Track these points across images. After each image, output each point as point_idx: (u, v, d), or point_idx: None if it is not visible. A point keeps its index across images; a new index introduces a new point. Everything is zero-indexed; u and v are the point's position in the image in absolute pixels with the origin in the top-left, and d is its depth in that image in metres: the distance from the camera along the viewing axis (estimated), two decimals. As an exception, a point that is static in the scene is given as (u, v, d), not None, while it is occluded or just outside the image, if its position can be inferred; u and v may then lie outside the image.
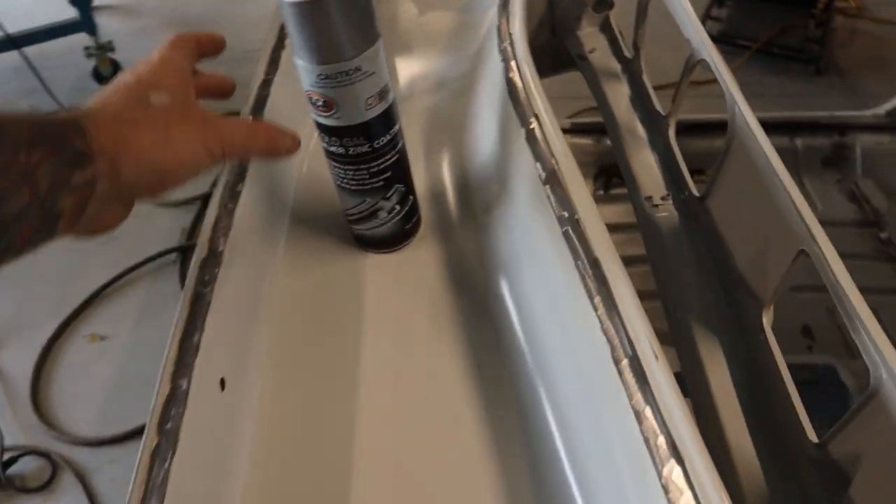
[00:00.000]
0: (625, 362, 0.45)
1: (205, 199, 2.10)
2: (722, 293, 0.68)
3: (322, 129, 0.61)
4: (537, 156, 0.59)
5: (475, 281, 0.67)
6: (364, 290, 0.68)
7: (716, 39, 0.75)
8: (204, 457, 0.51)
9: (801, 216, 0.54)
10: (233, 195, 0.68)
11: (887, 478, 0.50)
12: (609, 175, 1.59)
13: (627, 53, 0.96)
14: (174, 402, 0.50)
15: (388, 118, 0.61)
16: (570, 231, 0.52)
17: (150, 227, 2.08)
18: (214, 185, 0.72)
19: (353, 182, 0.64)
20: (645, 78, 0.90)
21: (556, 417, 0.55)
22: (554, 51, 1.09)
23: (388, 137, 0.62)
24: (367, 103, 0.58)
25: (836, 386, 1.17)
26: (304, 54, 0.55)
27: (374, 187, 0.64)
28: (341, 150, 0.61)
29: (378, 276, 0.69)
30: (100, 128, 0.40)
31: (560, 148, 0.58)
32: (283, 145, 0.55)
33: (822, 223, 0.58)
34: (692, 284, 0.69)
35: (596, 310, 0.48)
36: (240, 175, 0.70)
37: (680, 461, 0.39)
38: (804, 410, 0.55)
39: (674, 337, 0.68)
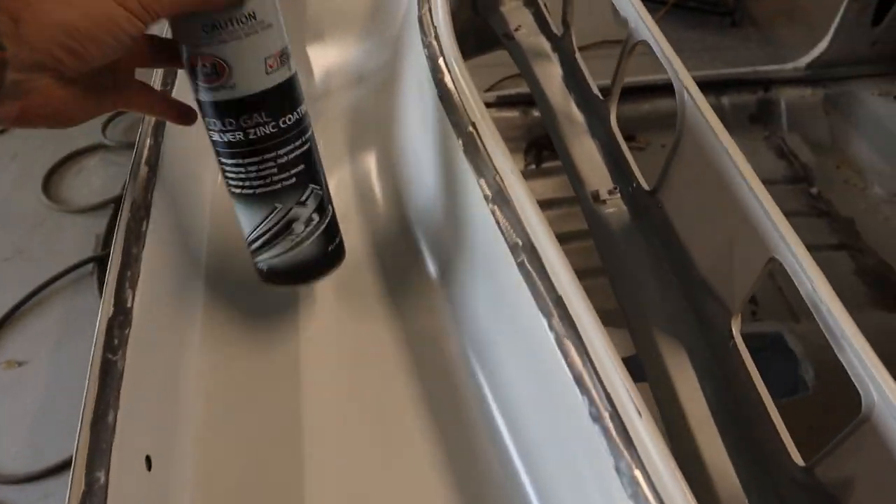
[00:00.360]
0: (606, 418, 0.40)
1: (117, 202, 1.96)
2: (683, 298, 0.63)
3: (210, 108, 0.48)
4: (479, 171, 0.52)
5: (427, 328, 0.60)
6: (298, 332, 0.61)
7: None
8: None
9: (773, 221, 0.49)
10: (137, 235, 0.59)
11: None
12: (540, 148, 1.54)
13: (556, 31, 0.90)
14: (91, 498, 0.42)
15: (293, 90, 0.50)
16: (526, 262, 0.46)
17: (60, 237, 1.93)
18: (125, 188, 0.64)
19: (258, 182, 0.51)
20: (578, 58, 0.84)
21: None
22: (477, 29, 1.02)
23: (296, 116, 0.50)
24: (268, 65, 0.47)
25: (785, 352, 1.16)
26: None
27: (285, 186, 0.51)
28: (238, 136, 0.48)
29: (312, 322, 0.61)
30: None
31: (503, 162, 0.51)
32: None
33: None
34: (651, 289, 0.64)
35: (566, 357, 0.42)
36: (144, 210, 0.61)
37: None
38: (787, 432, 0.51)
39: (637, 347, 0.64)
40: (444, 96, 0.57)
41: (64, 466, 1.43)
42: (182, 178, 0.70)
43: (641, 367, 0.63)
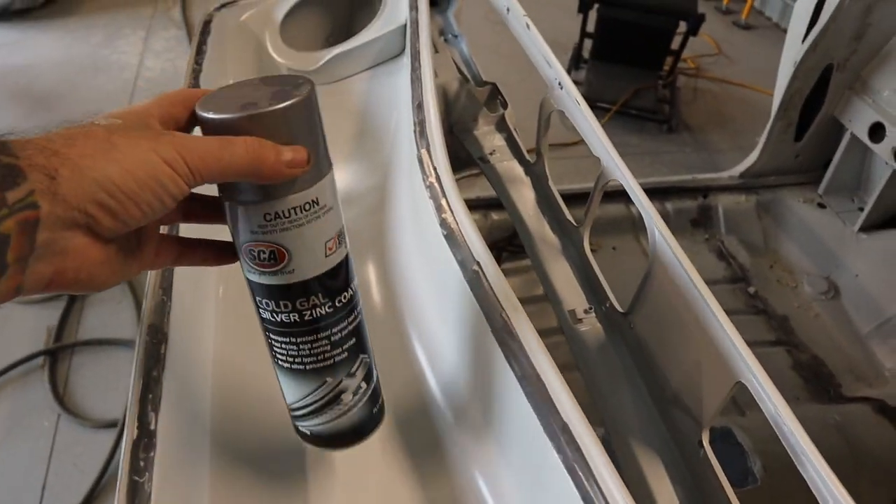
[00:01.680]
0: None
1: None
2: (656, 409, 0.71)
3: (264, 290, 0.46)
4: (484, 307, 0.59)
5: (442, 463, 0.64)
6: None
7: None
8: None
9: (739, 350, 0.57)
10: (157, 358, 0.64)
11: None
12: (500, 249, 1.63)
13: (529, 158, 1.00)
14: None
15: (348, 268, 0.49)
16: (534, 393, 0.53)
17: (10, 328, 1.90)
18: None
19: (309, 359, 0.49)
20: (551, 184, 0.93)
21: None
22: (453, 151, 1.11)
23: (350, 293, 0.49)
24: (328, 248, 0.45)
25: (735, 444, 1.25)
26: (245, 190, 0.42)
27: (338, 362, 0.50)
28: (293, 318, 0.47)
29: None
30: (27, 143, 0.36)
31: (507, 297, 0.58)
32: (270, 155, 0.41)
33: None
34: (627, 401, 0.72)
35: (574, 479, 0.48)
36: (162, 334, 0.65)
37: None
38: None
39: (616, 452, 0.70)
40: (449, 236, 0.65)
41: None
42: (190, 298, 0.74)
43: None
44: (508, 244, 1.61)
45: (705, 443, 0.64)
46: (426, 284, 0.72)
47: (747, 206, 1.74)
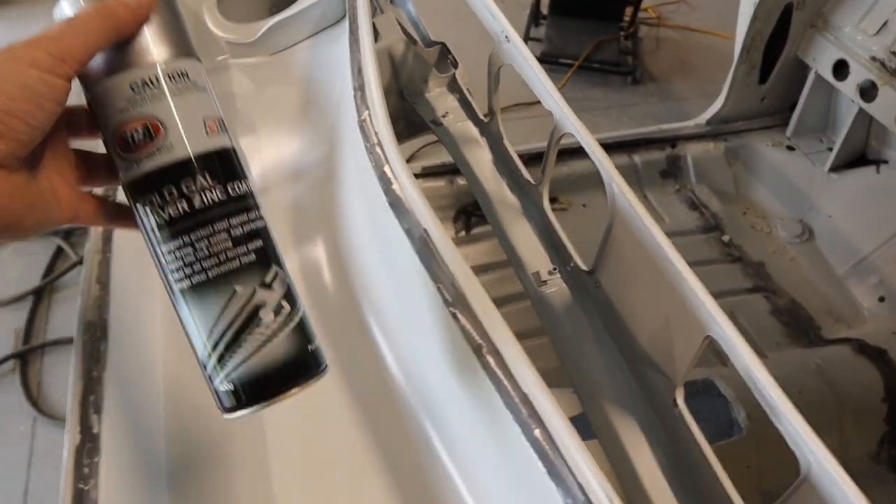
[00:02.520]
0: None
1: (37, 293, 1.90)
2: (628, 370, 0.68)
3: (146, 183, 0.42)
4: (435, 276, 0.55)
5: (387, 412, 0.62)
6: (265, 435, 0.62)
7: (539, 60, 0.76)
8: None
9: (704, 304, 0.54)
10: (97, 357, 0.60)
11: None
12: (468, 214, 1.59)
13: (483, 117, 0.95)
14: None
15: (237, 159, 0.45)
16: (492, 363, 0.49)
17: (-27, 333, 1.84)
18: (46, 276, 0.63)
19: (211, 261, 0.42)
20: (506, 143, 0.89)
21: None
22: (405, 115, 1.06)
23: (245, 187, 0.44)
24: (208, 127, 0.43)
25: (717, 396, 1.23)
26: (112, 59, 0.41)
27: (245, 263, 0.43)
28: (182, 206, 0.41)
29: (279, 425, 0.62)
30: None
31: (459, 266, 0.55)
32: (120, 7, 0.41)
33: (670, 235, 0.60)
34: (597, 363, 0.69)
35: (539, 453, 0.45)
36: (101, 330, 0.62)
37: None
38: (735, 489, 0.56)
39: (589, 416, 0.67)
40: (395, 203, 0.61)
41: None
42: (134, 293, 0.70)
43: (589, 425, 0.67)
44: (476, 209, 1.57)
45: (679, 401, 0.62)
46: (378, 258, 0.68)
47: (716, 154, 1.71)
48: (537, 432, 0.46)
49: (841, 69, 1.51)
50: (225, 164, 0.43)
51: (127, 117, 0.41)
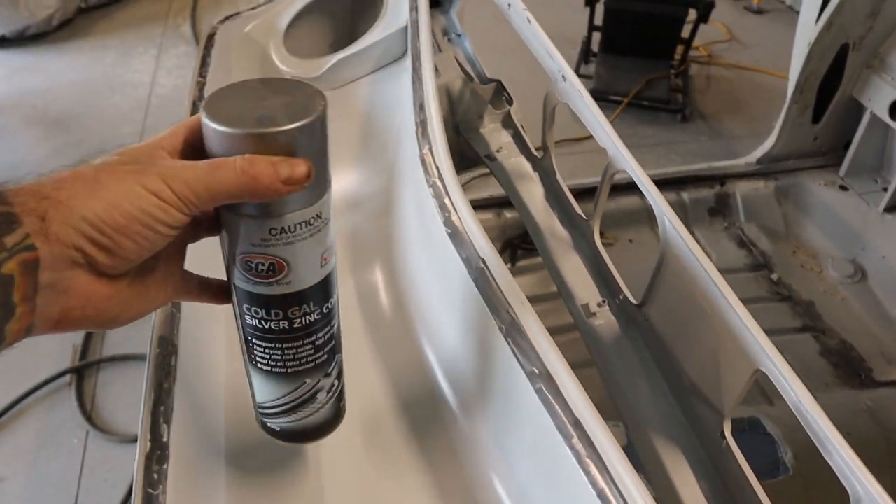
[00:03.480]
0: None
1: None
2: (675, 402, 0.69)
3: (255, 300, 0.45)
4: (491, 305, 0.58)
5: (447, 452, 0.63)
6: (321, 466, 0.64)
7: None
8: None
9: (755, 338, 0.56)
10: (167, 371, 0.64)
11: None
12: (515, 247, 1.62)
13: (535, 152, 0.98)
14: None
15: (335, 271, 0.48)
16: (544, 389, 0.51)
17: (36, 348, 1.91)
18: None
19: (292, 363, 0.49)
20: (559, 178, 0.92)
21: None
22: (460, 149, 1.10)
23: (335, 297, 0.49)
24: (324, 259, 0.45)
25: (763, 435, 1.22)
26: (253, 205, 0.41)
27: (318, 364, 0.50)
28: (283, 325, 0.46)
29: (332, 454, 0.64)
30: (20, 190, 0.37)
31: (514, 293, 0.57)
32: (265, 172, 0.39)
33: (720, 272, 0.61)
34: (644, 394, 0.70)
35: (588, 475, 0.47)
36: (172, 346, 0.65)
37: None
38: (783, 526, 0.57)
39: (637, 447, 0.69)
40: (453, 234, 0.64)
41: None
42: (203, 314, 0.74)
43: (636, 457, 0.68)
44: (523, 242, 1.60)
45: (727, 433, 0.63)
46: (434, 286, 0.71)
47: (766, 192, 1.71)
48: (587, 456, 0.48)
49: (897, 109, 1.50)
50: (326, 288, 0.47)
51: (256, 251, 0.43)
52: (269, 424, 0.54)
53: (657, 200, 0.67)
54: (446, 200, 0.66)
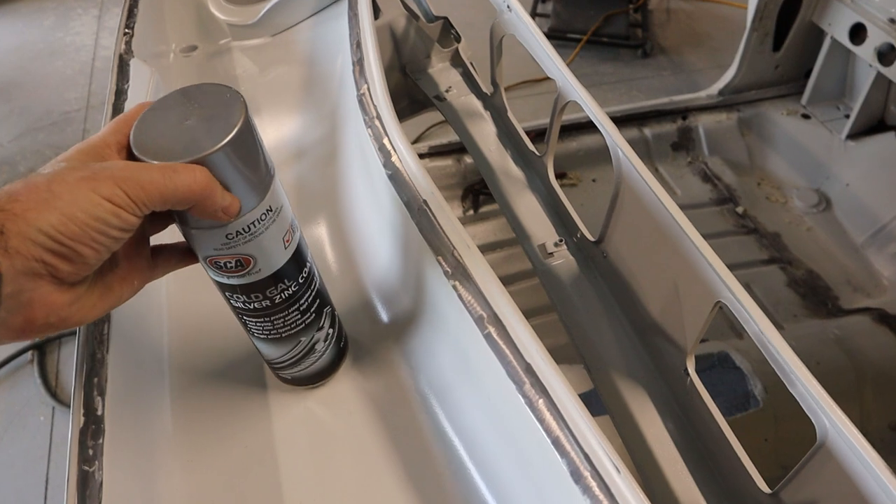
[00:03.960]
0: (587, 477, 0.42)
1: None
2: (637, 341, 0.66)
3: (234, 289, 0.49)
4: (435, 248, 0.54)
5: (401, 405, 0.61)
6: (270, 410, 0.61)
7: (547, 36, 0.74)
8: None
9: (715, 270, 0.53)
10: (100, 339, 0.59)
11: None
12: (476, 193, 1.58)
13: (486, 90, 0.94)
14: None
15: (303, 247, 0.51)
16: (493, 334, 0.48)
17: (-9, 326, 1.85)
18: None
19: (284, 329, 0.53)
20: (510, 116, 0.87)
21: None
22: (408, 92, 1.05)
23: (308, 265, 0.52)
24: (285, 241, 0.48)
25: (733, 369, 1.21)
26: (202, 221, 0.43)
27: (308, 323, 0.54)
28: (265, 303, 0.50)
29: (289, 417, 0.61)
30: None
31: (458, 234, 0.53)
32: (216, 194, 0.41)
33: (683, 207, 0.59)
34: (606, 334, 0.67)
35: (542, 422, 0.44)
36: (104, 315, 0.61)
37: None
38: (750, 461, 0.55)
39: (599, 389, 0.66)
40: (394, 176, 0.60)
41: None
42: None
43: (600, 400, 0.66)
44: (484, 187, 1.56)
45: (691, 370, 0.60)
46: (379, 233, 0.67)
47: (729, 124, 1.68)
48: (541, 402, 0.45)
49: (858, 33, 1.47)
50: (297, 260, 0.50)
51: (220, 253, 0.45)
52: (281, 375, 0.60)
53: (609, 131, 0.63)
54: (385, 141, 0.62)
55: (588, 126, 1.55)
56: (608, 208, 0.67)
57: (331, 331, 0.58)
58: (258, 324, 0.52)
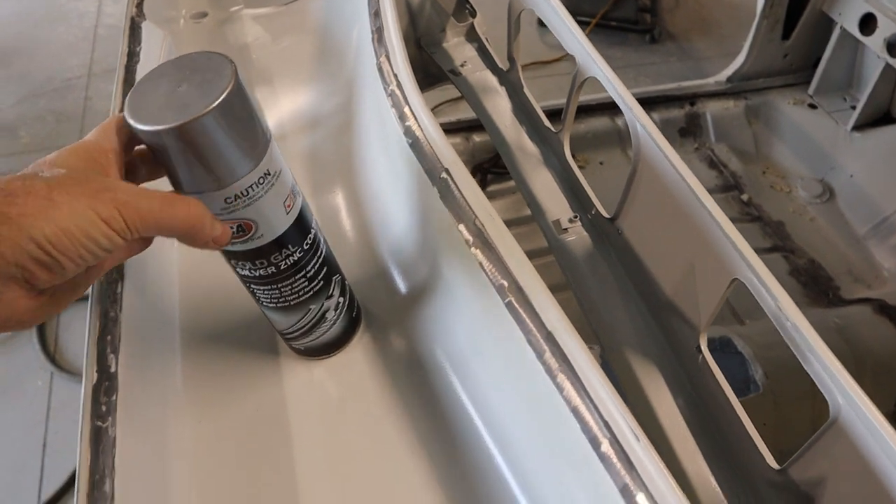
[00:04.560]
0: (605, 445, 0.42)
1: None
2: (650, 318, 0.67)
3: (238, 256, 0.50)
4: (457, 216, 0.54)
5: (415, 375, 0.61)
6: (281, 374, 0.62)
7: None
8: None
9: (735, 244, 0.53)
10: (113, 298, 0.59)
11: (848, 500, 0.50)
12: (484, 172, 1.58)
13: (501, 65, 0.93)
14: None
15: (306, 211, 0.52)
16: (514, 302, 0.48)
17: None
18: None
19: (292, 297, 0.53)
20: (526, 91, 0.87)
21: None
22: (423, 66, 1.04)
23: (313, 231, 0.53)
24: (286, 206, 0.48)
25: (734, 354, 1.22)
26: (202, 183, 0.43)
27: (316, 291, 0.55)
28: (270, 270, 0.50)
29: (301, 383, 0.61)
30: None
31: (480, 203, 0.53)
32: (207, 226, 0.44)
33: None
34: (619, 311, 0.68)
35: (561, 390, 0.44)
36: (117, 272, 0.61)
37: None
38: (759, 437, 0.55)
39: (612, 365, 0.67)
40: (414, 144, 0.59)
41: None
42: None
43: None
44: (493, 166, 1.56)
45: (703, 347, 0.61)
46: (396, 203, 0.67)
47: (736, 112, 1.68)
48: (561, 370, 0.45)
49: (868, 23, 1.47)
50: (301, 226, 0.51)
51: (221, 219, 0.45)
52: (294, 346, 0.61)
53: (630, 105, 0.63)
54: (406, 109, 0.62)
55: (597, 109, 1.54)
56: (625, 184, 0.67)
57: (341, 299, 0.58)
58: (266, 292, 0.53)
